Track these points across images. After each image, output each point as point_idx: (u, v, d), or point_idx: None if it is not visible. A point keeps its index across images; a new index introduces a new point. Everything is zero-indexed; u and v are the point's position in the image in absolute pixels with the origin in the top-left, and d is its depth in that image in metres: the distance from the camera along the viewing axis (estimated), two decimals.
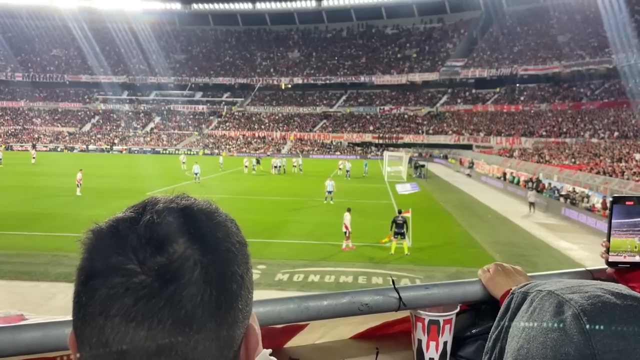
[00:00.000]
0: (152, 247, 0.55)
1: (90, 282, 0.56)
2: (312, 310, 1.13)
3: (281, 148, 75.63)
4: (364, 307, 1.17)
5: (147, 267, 0.54)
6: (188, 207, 0.62)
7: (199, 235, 0.58)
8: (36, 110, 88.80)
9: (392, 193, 30.28)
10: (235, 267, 0.60)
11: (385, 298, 1.20)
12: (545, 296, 0.67)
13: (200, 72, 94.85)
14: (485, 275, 1.28)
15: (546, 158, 42.34)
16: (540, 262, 16.40)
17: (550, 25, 77.94)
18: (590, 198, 26.18)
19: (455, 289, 1.27)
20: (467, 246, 18.11)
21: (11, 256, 15.12)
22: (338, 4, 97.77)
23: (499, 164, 44.36)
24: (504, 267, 1.28)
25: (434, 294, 1.24)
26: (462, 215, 24.70)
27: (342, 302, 1.16)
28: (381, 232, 19.60)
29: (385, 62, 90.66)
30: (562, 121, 61.47)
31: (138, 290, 0.54)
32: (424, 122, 77.66)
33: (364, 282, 13.43)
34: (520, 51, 78.42)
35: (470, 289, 1.27)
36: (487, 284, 1.26)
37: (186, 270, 0.55)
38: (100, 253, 0.57)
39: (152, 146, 77.61)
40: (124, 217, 0.60)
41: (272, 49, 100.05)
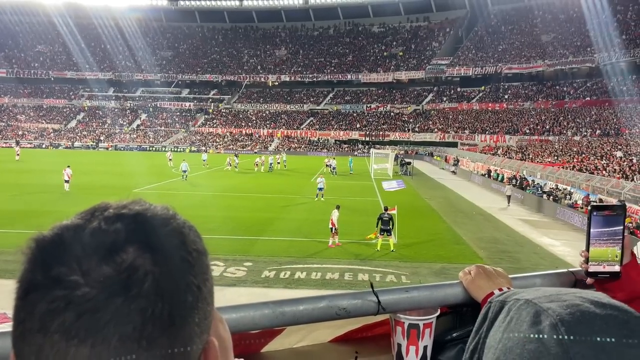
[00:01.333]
0: (98, 257, 0.51)
1: (29, 296, 0.51)
2: (287, 316, 1.09)
3: (268, 145, 75.59)
4: (341, 312, 1.14)
5: (91, 279, 0.49)
6: (141, 213, 0.56)
7: (151, 244, 0.53)
8: (20, 107, 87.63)
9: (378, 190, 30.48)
10: (191, 277, 0.55)
11: (364, 302, 1.16)
12: (523, 305, 0.66)
13: (187, 69, 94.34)
14: (466, 277, 1.24)
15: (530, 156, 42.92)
16: (523, 258, 16.70)
17: (535, 24, 78.83)
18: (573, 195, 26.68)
19: (436, 291, 1.24)
20: (452, 243, 18.36)
21: None
22: (325, 2, 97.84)
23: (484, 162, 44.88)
24: (486, 269, 1.25)
25: (414, 297, 1.21)
26: (447, 212, 25.00)
27: (319, 306, 1.13)
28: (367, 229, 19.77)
29: (371, 60, 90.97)
30: (545, 119, 62.28)
31: (81, 303, 0.48)
32: (410, 120, 78.14)
33: (350, 279, 13.58)
34: (504, 50, 79.22)
35: (451, 292, 1.24)
36: (468, 286, 1.23)
37: (135, 281, 0.50)
38: (41, 264, 0.52)
39: (138, 143, 77.08)
40: (69, 224, 0.55)
41: (259, 47, 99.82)
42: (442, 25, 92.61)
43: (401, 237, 17.77)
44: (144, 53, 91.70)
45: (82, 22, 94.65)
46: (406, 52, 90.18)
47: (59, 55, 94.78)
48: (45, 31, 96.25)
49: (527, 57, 74.41)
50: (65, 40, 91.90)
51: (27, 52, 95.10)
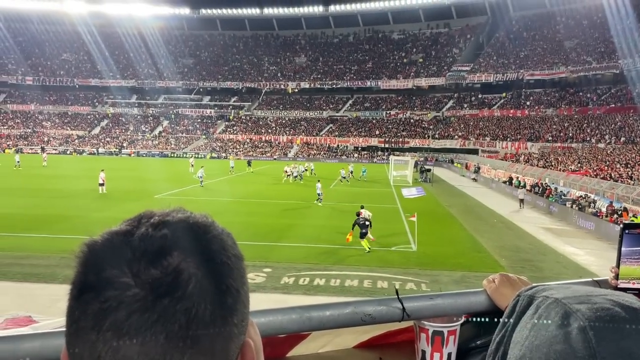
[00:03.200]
0: (146, 260, 0.55)
1: (83, 296, 0.56)
2: (314, 321, 1.11)
3: (288, 152, 75.86)
4: (367, 318, 1.15)
5: (140, 280, 0.54)
6: (183, 220, 0.61)
7: (194, 248, 0.58)
8: (46, 114, 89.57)
9: (398, 197, 30.33)
10: (231, 280, 0.59)
11: (389, 308, 1.17)
12: (552, 304, 0.66)
13: (208, 77, 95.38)
14: (490, 285, 1.25)
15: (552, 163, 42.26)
16: (546, 267, 16.41)
17: (557, 30, 77.85)
18: (597, 203, 26.15)
19: (460, 299, 1.24)
20: (472, 251, 18.14)
21: (20, 258, 15.31)
22: (345, 9, 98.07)
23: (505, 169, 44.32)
24: (509, 277, 1.25)
25: (438, 305, 1.21)
26: (467, 219, 24.72)
27: (344, 312, 1.13)
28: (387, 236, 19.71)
29: (391, 66, 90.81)
30: (568, 126, 61.32)
31: (131, 303, 0.53)
32: (430, 127, 77.68)
33: (369, 286, 13.50)
34: (526, 56, 78.37)
35: (475, 300, 1.24)
36: (492, 294, 1.23)
37: (180, 283, 0.55)
38: (94, 266, 0.56)
39: (160, 149, 78.07)
40: (118, 230, 0.60)
41: (279, 54, 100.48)
42: (463, 32, 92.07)
43: (421, 245, 17.64)
44: (166, 61, 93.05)
45: (106, 30, 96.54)
46: (426, 58, 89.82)
47: (84, 63, 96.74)
48: (71, 40, 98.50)
49: (549, 63, 73.47)
50: (89, 48, 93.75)
51: (52, 60, 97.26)
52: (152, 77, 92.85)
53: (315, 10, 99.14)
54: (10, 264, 14.67)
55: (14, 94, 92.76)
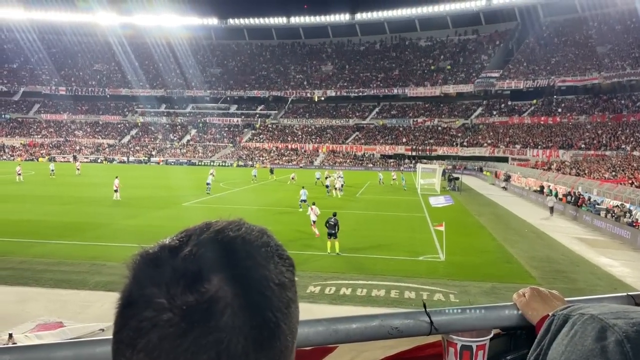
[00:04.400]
0: (185, 283, 0.54)
1: (126, 311, 0.56)
2: (340, 333, 1.08)
3: (314, 160, 75.96)
4: (394, 331, 1.13)
5: (175, 305, 0.53)
6: (232, 242, 0.59)
7: (234, 276, 0.56)
8: (78, 123, 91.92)
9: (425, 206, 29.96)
10: (270, 313, 0.57)
11: (416, 322, 1.14)
12: (588, 320, 0.65)
13: (235, 86, 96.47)
14: (520, 299, 1.21)
15: (585, 171, 41.18)
16: (579, 279, 15.90)
17: (589, 35, 76.19)
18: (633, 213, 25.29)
19: (489, 313, 1.20)
20: (502, 261, 17.72)
21: (52, 264, 15.61)
22: (371, 17, 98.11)
23: (536, 177, 43.36)
24: (541, 291, 1.21)
25: (467, 318, 1.18)
26: (497, 229, 24.22)
27: (371, 325, 1.11)
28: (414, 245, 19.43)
29: (418, 74, 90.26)
30: (602, 133, 59.76)
31: (164, 328, 0.53)
32: (458, 134, 76.76)
33: (396, 296, 13.27)
34: (557, 62, 76.88)
35: (505, 314, 1.20)
36: (523, 308, 1.19)
37: (215, 313, 0.53)
38: (139, 282, 0.57)
39: (187, 158, 79.15)
40: (168, 244, 0.59)
41: (305, 62, 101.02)
42: (492, 38, 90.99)
43: (449, 254, 17.32)
44: (194, 70, 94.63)
45: (136, 41, 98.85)
46: (454, 65, 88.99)
47: (115, 73, 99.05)
48: (102, 50, 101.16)
49: (581, 69, 71.88)
50: (120, 59, 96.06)
51: (84, 71, 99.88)
52: (180, 87, 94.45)
53: (342, 19, 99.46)
54: (42, 270, 14.97)
55: (48, 103, 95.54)
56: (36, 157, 78.17)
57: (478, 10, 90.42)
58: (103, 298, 12.75)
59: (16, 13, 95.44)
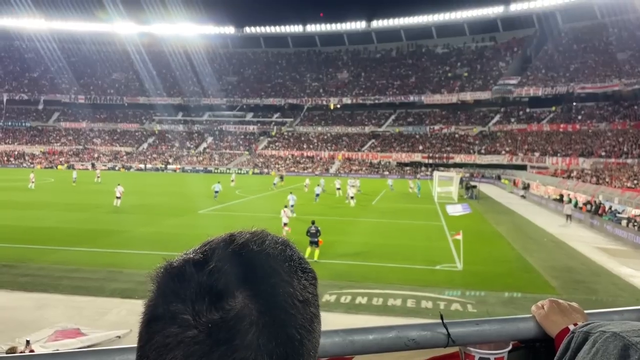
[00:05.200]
0: (210, 300, 0.54)
1: (151, 325, 0.56)
2: (357, 344, 1.08)
3: (329, 167, 75.91)
4: (410, 343, 1.12)
5: (201, 322, 0.53)
6: (258, 254, 0.59)
7: (258, 293, 0.56)
8: (96, 131, 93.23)
9: (442, 214, 29.67)
10: (293, 330, 0.57)
11: (433, 333, 1.13)
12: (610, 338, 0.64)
13: (252, 93, 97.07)
14: (539, 311, 1.20)
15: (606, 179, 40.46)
16: (600, 289, 15.55)
17: (609, 42, 75.21)
18: None
19: (508, 325, 1.18)
20: (521, 271, 17.42)
21: (70, 271, 15.74)
22: (387, 24, 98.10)
23: (556, 185, 42.72)
24: (560, 303, 1.20)
25: (485, 331, 1.16)
26: (516, 238, 23.86)
27: (388, 336, 1.10)
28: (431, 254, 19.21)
29: (435, 81, 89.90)
30: (623, 141, 58.72)
31: (190, 345, 0.53)
32: (476, 142, 76.12)
33: (413, 306, 13.10)
34: (577, 69, 75.95)
35: (523, 326, 1.18)
36: (541, 321, 1.17)
37: (240, 331, 0.53)
38: (164, 296, 0.57)
39: (204, 165, 79.70)
40: (193, 258, 0.59)
41: (321, 70, 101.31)
42: (510, 45, 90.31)
43: (467, 264, 17.07)
44: (211, 78, 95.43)
45: (154, 50, 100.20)
46: (471, 72, 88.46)
47: (133, 82, 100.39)
48: (120, 59, 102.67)
49: (601, 76, 70.88)
50: (138, 67, 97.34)
51: (103, 80, 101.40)
52: (197, 95, 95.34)
53: (358, 26, 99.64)
54: (60, 277, 15.10)
55: (67, 112, 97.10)
56: (55, 164, 79.39)
57: (495, 17, 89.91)
58: (120, 305, 12.80)
59: (37, 23, 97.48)
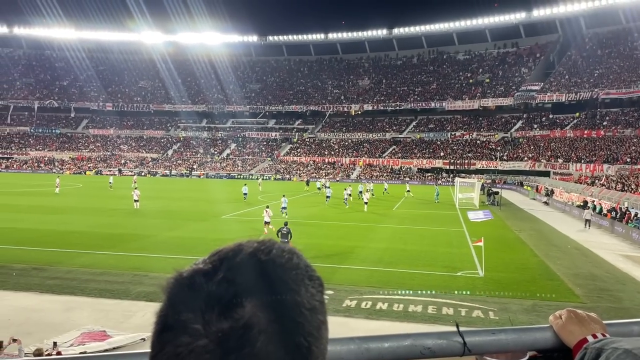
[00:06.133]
0: (219, 309, 0.56)
1: (163, 335, 0.58)
2: (372, 352, 1.07)
3: (350, 173, 76.01)
4: (426, 351, 1.11)
5: (211, 331, 0.55)
6: (265, 264, 0.60)
7: (267, 302, 0.57)
8: (123, 137, 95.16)
9: (463, 220, 29.53)
10: (301, 338, 0.58)
11: (449, 342, 1.12)
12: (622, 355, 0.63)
13: (274, 101, 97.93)
14: (557, 322, 1.17)
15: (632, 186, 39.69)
16: (625, 298, 15.33)
17: (634, 47, 73.92)
18: None
19: (525, 335, 1.16)
20: (544, 278, 17.27)
21: (97, 274, 16.16)
22: (409, 32, 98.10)
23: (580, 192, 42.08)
24: (578, 313, 1.18)
25: (501, 340, 1.14)
26: (538, 245, 23.62)
27: (404, 344, 1.10)
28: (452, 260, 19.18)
29: (456, 87, 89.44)
30: None
31: (200, 354, 0.54)
32: (498, 148, 75.41)
33: (434, 312, 13.13)
34: (601, 74, 74.78)
35: (540, 336, 1.16)
36: (559, 331, 1.15)
37: (249, 340, 0.54)
38: (174, 306, 0.58)
39: (227, 171, 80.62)
40: (201, 268, 0.60)
41: (342, 77, 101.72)
42: (532, 51, 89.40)
43: (489, 271, 17.02)
44: (234, 86, 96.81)
45: (179, 58, 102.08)
46: (493, 78, 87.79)
47: (158, 89, 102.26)
48: (147, 68, 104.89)
49: (626, 81, 69.63)
50: (163, 76, 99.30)
51: (130, 88, 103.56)
52: (220, 102, 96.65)
53: (379, 34, 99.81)
54: (87, 280, 15.51)
55: (95, 119, 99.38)
56: (83, 170, 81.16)
57: (518, 23, 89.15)
58: (144, 308, 13.11)
59: (67, 33, 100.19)
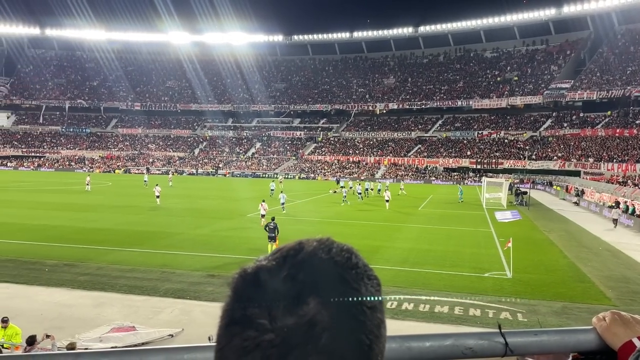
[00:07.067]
0: (285, 305, 0.57)
1: (230, 328, 0.60)
2: (414, 351, 1.07)
3: (375, 172, 75.70)
4: (467, 351, 1.10)
5: (277, 326, 0.56)
6: (326, 262, 0.62)
7: (330, 299, 0.58)
8: (151, 137, 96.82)
9: (491, 221, 29.12)
10: (363, 336, 0.59)
11: (491, 343, 1.11)
12: None
13: (299, 100, 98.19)
14: (601, 324, 1.15)
15: None
16: None
17: None
18: None
19: (567, 337, 1.15)
20: (574, 280, 16.90)
21: (126, 271, 16.47)
22: (435, 29, 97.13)
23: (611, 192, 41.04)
24: (622, 315, 1.15)
25: (544, 341, 1.13)
26: (568, 246, 23.12)
27: (445, 344, 1.09)
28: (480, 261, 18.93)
29: (484, 85, 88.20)
30: None
31: (267, 348, 0.56)
32: (526, 147, 74.06)
33: (460, 313, 12.98)
34: (634, 72, 72.74)
35: (584, 338, 1.15)
36: (603, 333, 1.13)
37: (313, 336, 0.56)
38: (240, 301, 0.60)
39: (252, 170, 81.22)
40: (266, 265, 0.62)
41: (367, 76, 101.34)
42: (562, 48, 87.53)
43: (517, 272, 16.74)
44: (259, 86, 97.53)
45: (206, 59, 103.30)
46: (521, 76, 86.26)
47: (185, 89, 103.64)
48: (174, 68, 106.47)
49: None
50: (190, 76, 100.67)
51: (158, 87, 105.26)
52: (246, 102, 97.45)
53: (405, 32, 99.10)
54: (117, 276, 15.82)
55: (124, 118, 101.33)
56: (113, 168, 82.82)
57: (547, 19, 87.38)
58: (172, 305, 13.32)
59: (97, 34, 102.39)
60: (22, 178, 59.85)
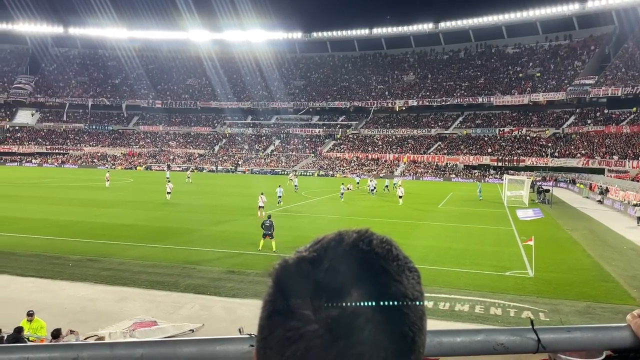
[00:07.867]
0: (328, 297, 0.57)
1: (272, 319, 0.60)
2: (445, 346, 1.07)
3: (394, 170, 75.33)
4: (499, 347, 1.10)
5: (320, 317, 0.57)
6: (368, 254, 0.62)
7: (373, 291, 0.58)
8: (172, 134, 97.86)
9: (512, 219, 28.76)
10: (406, 328, 0.59)
11: (523, 339, 1.10)
12: None
13: (318, 97, 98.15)
14: (635, 320, 1.14)
15: None
16: None
17: None
18: None
19: (601, 333, 1.14)
20: (598, 279, 16.60)
21: (147, 266, 16.70)
22: (456, 25, 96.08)
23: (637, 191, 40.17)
24: None
25: (577, 338, 1.13)
26: (592, 245, 22.71)
27: (476, 339, 1.09)
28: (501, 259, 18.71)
29: (505, 82, 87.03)
30: None
31: (310, 339, 0.56)
32: (549, 144, 72.94)
33: (481, 312, 12.86)
34: None
35: (617, 335, 1.13)
36: (638, 331, 1.12)
37: (357, 327, 0.56)
38: (282, 292, 0.61)
39: (271, 167, 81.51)
40: (307, 256, 0.62)
41: (387, 73, 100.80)
42: (586, 43, 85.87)
43: (539, 271, 16.51)
44: (278, 83, 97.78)
45: (225, 56, 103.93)
46: (544, 72, 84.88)
47: (205, 87, 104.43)
48: (194, 66, 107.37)
49: None
50: (210, 74, 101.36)
51: (179, 85, 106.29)
52: (265, 99, 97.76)
53: (425, 28, 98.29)
54: (139, 272, 16.05)
55: (145, 116, 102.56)
56: (134, 165, 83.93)
57: (571, 14, 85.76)
58: (193, 300, 13.46)
59: (119, 32, 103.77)
60: (46, 174, 61.06)
